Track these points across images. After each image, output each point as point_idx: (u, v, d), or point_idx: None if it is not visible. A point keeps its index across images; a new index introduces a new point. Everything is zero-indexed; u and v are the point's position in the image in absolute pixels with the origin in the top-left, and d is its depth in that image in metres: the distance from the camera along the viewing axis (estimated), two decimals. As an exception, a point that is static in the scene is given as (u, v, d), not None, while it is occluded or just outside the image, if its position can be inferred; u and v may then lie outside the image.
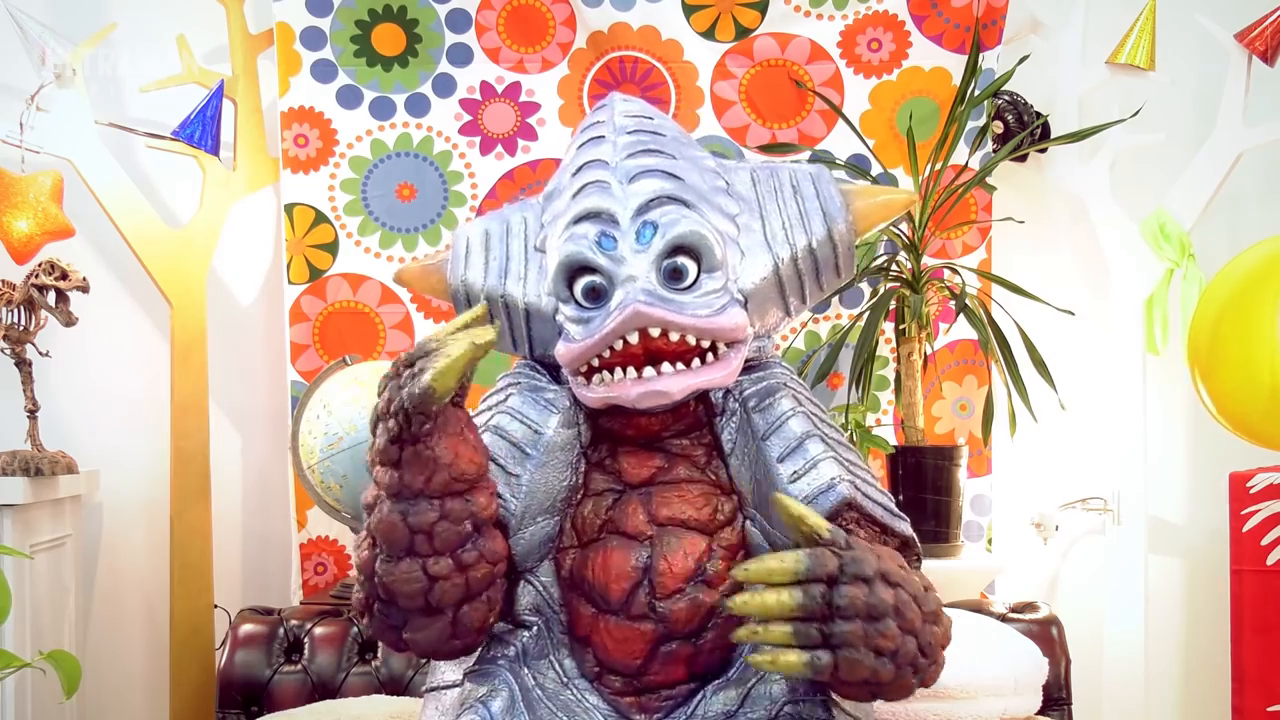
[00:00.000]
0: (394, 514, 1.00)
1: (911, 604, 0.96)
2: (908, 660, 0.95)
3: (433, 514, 1.00)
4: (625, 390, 1.08)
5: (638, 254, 1.08)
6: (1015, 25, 2.32)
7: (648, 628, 1.10)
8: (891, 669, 0.94)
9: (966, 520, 2.24)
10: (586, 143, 1.19)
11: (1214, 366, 1.95)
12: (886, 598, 0.94)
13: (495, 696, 1.09)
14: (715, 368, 1.09)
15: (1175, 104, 2.35)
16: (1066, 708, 1.78)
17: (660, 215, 1.09)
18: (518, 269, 1.20)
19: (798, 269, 1.16)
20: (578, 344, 1.09)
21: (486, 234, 1.23)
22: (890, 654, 0.94)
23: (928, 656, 0.97)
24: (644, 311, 1.04)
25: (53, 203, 2.06)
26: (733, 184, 1.20)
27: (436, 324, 2.35)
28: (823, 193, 1.18)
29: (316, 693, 1.82)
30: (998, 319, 2.16)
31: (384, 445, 0.99)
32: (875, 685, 0.96)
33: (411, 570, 1.01)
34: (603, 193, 1.12)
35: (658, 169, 1.13)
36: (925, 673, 0.99)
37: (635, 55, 2.35)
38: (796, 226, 1.16)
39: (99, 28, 2.21)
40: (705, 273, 1.10)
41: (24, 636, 1.93)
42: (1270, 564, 1.81)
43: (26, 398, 2.06)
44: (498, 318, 1.20)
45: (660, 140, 1.17)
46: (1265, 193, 2.39)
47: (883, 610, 0.93)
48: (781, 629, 0.94)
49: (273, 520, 2.40)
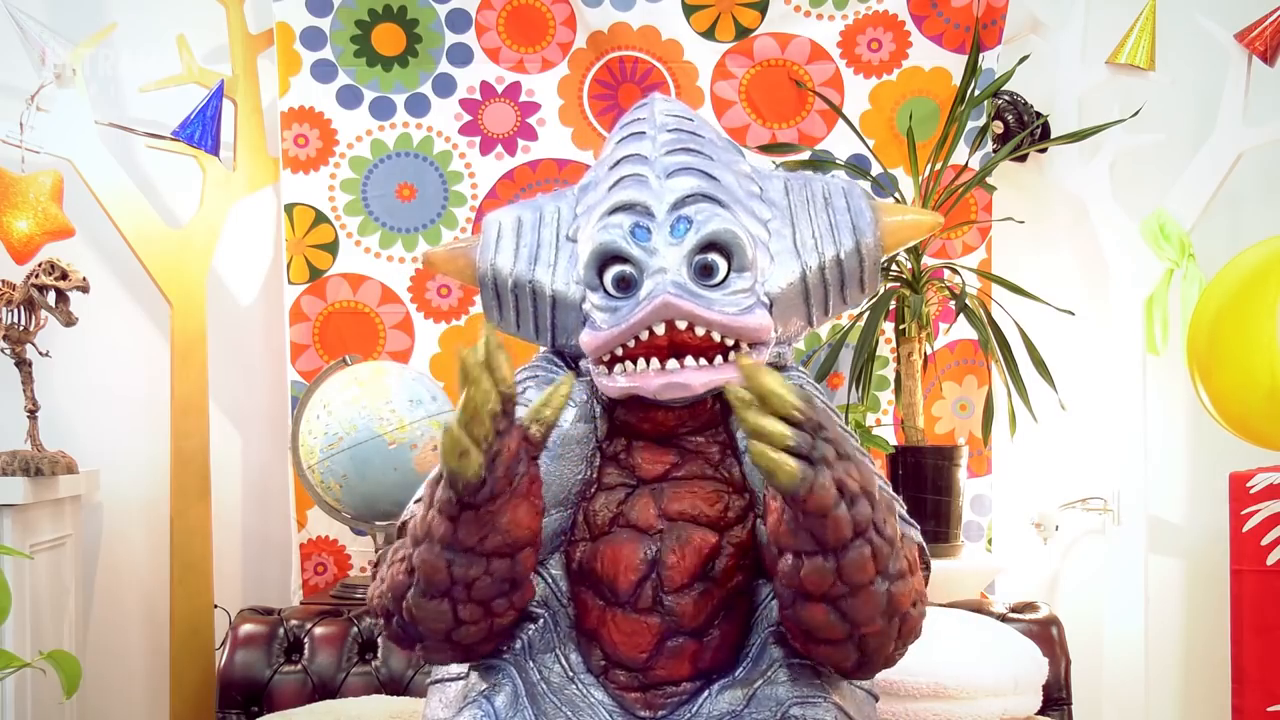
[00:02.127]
0: (440, 559, 1.00)
1: (870, 471, 1.00)
2: (863, 525, 0.95)
3: (477, 570, 1.01)
4: (647, 381, 1.09)
5: (671, 247, 1.10)
6: (1015, 25, 2.33)
7: (654, 621, 1.10)
8: (848, 521, 0.93)
9: (966, 520, 2.24)
10: (626, 138, 1.21)
11: (1213, 367, 1.95)
12: (851, 446, 0.99)
13: (499, 690, 1.10)
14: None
15: (1175, 104, 2.34)
16: (1066, 708, 1.78)
17: (695, 211, 1.11)
18: (548, 256, 1.21)
19: (824, 278, 1.18)
20: (604, 332, 1.10)
21: (519, 220, 1.24)
22: (849, 498, 0.93)
23: (884, 536, 0.97)
24: (673, 303, 1.05)
25: (53, 203, 2.06)
26: (766, 190, 1.22)
27: (436, 324, 2.36)
28: (854, 206, 1.20)
29: (316, 693, 1.82)
30: (998, 319, 2.16)
31: (445, 498, 0.98)
32: (830, 538, 0.94)
33: (442, 609, 1.03)
34: (640, 186, 1.14)
35: (695, 167, 1.15)
36: (883, 558, 0.96)
37: (635, 55, 2.35)
38: (826, 237, 1.18)
39: (99, 28, 2.21)
40: (735, 272, 1.11)
41: (24, 636, 1.93)
42: (1270, 564, 1.81)
43: (26, 398, 2.06)
44: (523, 302, 1.20)
45: (699, 140, 1.19)
46: (1265, 193, 2.39)
47: (849, 451, 0.96)
48: (782, 429, 0.92)
49: (273, 520, 2.40)
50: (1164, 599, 2.36)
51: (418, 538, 1.02)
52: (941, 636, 1.61)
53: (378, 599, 1.10)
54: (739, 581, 1.14)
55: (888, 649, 1.04)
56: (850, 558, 0.95)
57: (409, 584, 1.03)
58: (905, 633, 1.03)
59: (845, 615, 0.99)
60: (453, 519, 0.98)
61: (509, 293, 1.22)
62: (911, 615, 1.03)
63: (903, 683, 1.54)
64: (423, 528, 1.02)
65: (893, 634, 1.02)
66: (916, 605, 1.03)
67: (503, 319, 1.24)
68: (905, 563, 1.00)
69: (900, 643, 1.04)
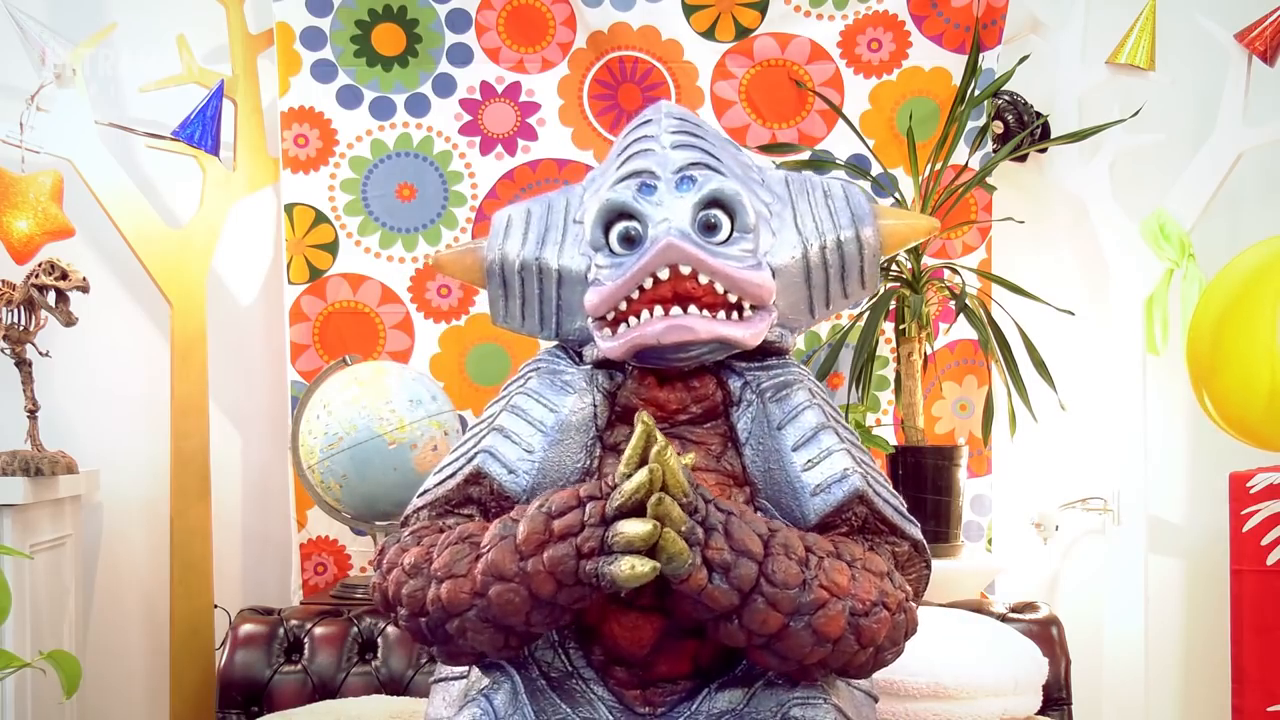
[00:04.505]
0: (525, 605, 1.02)
1: (747, 528, 1.01)
2: (750, 580, 0.99)
3: (553, 621, 1.05)
4: (651, 327, 1.09)
5: (676, 200, 1.12)
6: (1015, 25, 2.33)
7: (656, 617, 1.10)
8: (728, 589, 0.99)
9: (966, 520, 2.24)
10: (635, 130, 1.23)
11: (1213, 367, 1.95)
12: (716, 517, 1.01)
13: (499, 688, 1.11)
14: (741, 325, 1.11)
15: (1175, 104, 2.34)
16: (1066, 708, 1.78)
17: (699, 173, 1.14)
18: (555, 238, 1.22)
19: (825, 259, 1.19)
20: (609, 285, 1.11)
21: (528, 212, 1.26)
22: (721, 568, 0.99)
23: (776, 584, 1.00)
24: (677, 244, 1.06)
25: (53, 203, 2.06)
26: (768, 181, 1.24)
27: (436, 324, 2.36)
28: (853, 200, 1.21)
29: (316, 693, 1.82)
30: (998, 319, 2.16)
31: (565, 557, 1.00)
32: (716, 609, 1.00)
33: (497, 640, 1.06)
34: (646, 156, 1.17)
35: (699, 147, 1.18)
36: (786, 602, 1.00)
37: (635, 55, 2.35)
38: (826, 221, 1.20)
39: (99, 28, 2.21)
40: (739, 231, 1.13)
41: (24, 636, 1.93)
42: (1270, 564, 1.81)
43: (26, 398, 2.06)
44: (529, 285, 1.22)
45: (703, 132, 1.22)
46: (1265, 193, 2.39)
47: (711, 523, 1.00)
48: (680, 514, 0.98)
49: (273, 520, 2.40)
50: (1164, 599, 2.36)
51: (501, 572, 1.02)
52: (941, 636, 1.62)
53: (406, 591, 1.08)
54: None
55: (857, 659, 1.05)
56: (748, 616, 1.00)
57: (470, 604, 1.04)
58: (867, 642, 1.04)
59: (781, 655, 1.03)
60: (561, 584, 1.01)
61: (515, 276, 1.22)
62: (865, 625, 1.03)
63: (903, 683, 1.54)
64: (512, 565, 1.02)
65: (848, 649, 1.03)
66: (870, 614, 1.03)
67: (508, 313, 1.25)
68: (822, 591, 1.01)
69: (869, 650, 1.05)
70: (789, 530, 1.05)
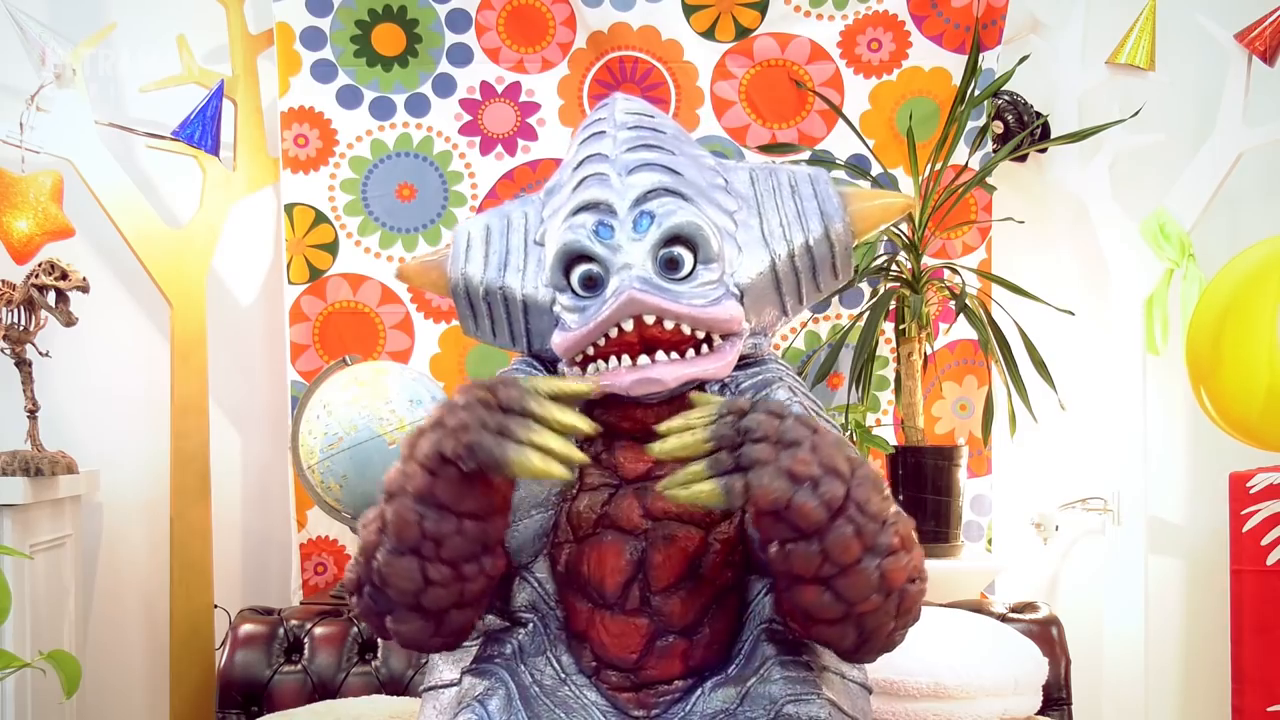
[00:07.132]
0: (412, 513, 1.00)
1: (834, 450, 0.97)
2: (836, 503, 0.95)
3: (449, 527, 1.00)
4: (619, 378, 1.08)
5: (634, 242, 1.09)
6: (1015, 25, 2.32)
7: (643, 622, 1.11)
8: (817, 504, 0.94)
9: (966, 520, 2.24)
10: (588, 138, 1.20)
11: (1213, 367, 1.95)
12: (801, 432, 0.96)
13: (492, 695, 1.10)
14: (709, 359, 1.10)
15: (1175, 104, 2.34)
16: (1066, 708, 1.78)
17: (658, 206, 1.11)
18: (517, 262, 1.20)
19: (794, 266, 1.17)
20: (573, 332, 1.10)
21: (487, 229, 1.24)
22: (809, 481, 0.94)
23: (866, 513, 0.96)
24: (638, 298, 1.05)
25: (53, 203, 2.06)
26: (731, 182, 1.20)
27: (436, 324, 2.36)
28: (820, 193, 1.19)
29: (316, 693, 1.82)
30: (998, 319, 2.16)
31: (431, 453, 0.98)
32: (804, 524, 0.95)
33: (410, 569, 1.02)
34: (601, 184, 1.13)
35: (656, 163, 1.14)
36: (870, 535, 0.96)
37: (635, 55, 2.35)
38: (794, 225, 1.17)
39: (99, 28, 2.21)
40: (701, 264, 1.11)
41: (24, 636, 1.93)
42: (1270, 564, 1.81)
43: (26, 398, 2.06)
44: (496, 310, 1.21)
45: (660, 137, 1.18)
46: (1265, 193, 2.39)
47: (795, 438, 0.95)
48: (696, 466, 0.96)
49: (273, 520, 2.40)
50: (1164, 599, 2.36)
51: (391, 492, 1.02)
52: (941, 636, 1.62)
53: (350, 570, 1.09)
54: (728, 578, 1.13)
55: (887, 626, 1.03)
56: (833, 538, 0.96)
57: (379, 542, 1.03)
58: (904, 609, 1.02)
59: (839, 595, 0.99)
60: (433, 474, 0.98)
61: (481, 300, 1.21)
62: (910, 591, 1.02)
63: (903, 683, 1.54)
64: (397, 481, 1.02)
65: (891, 610, 1.01)
66: (915, 581, 1.02)
67: (478, 328, 1.24)
68: (897, 538, 0.99)
69: (900, 621, 1.03)
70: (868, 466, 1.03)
